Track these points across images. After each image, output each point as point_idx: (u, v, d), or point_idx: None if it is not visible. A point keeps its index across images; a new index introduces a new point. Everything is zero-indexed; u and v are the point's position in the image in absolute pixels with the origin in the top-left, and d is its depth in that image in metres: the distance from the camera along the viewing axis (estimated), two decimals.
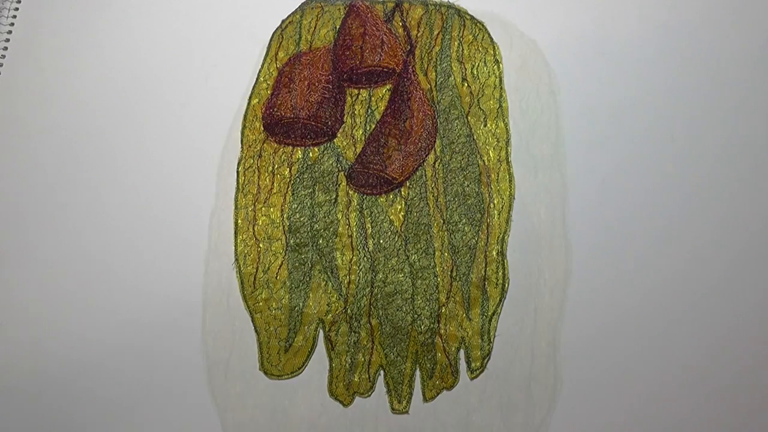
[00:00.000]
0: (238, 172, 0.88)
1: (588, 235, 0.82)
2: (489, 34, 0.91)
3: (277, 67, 0.91)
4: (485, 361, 0.79)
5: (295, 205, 0.87)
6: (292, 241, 0.86)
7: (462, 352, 0.80)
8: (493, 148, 0.88)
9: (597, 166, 0.84)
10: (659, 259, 0.81)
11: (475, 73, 0.90)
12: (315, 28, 0.92)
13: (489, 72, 0.90)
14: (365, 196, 0.87)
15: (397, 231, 0.86)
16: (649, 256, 0.81)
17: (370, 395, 0.79)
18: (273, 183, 0.87)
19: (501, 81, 0.89)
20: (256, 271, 0.85)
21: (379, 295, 0.82)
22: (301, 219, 0.86)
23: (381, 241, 0.86)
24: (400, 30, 0.91)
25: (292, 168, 0.88)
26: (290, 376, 0.80)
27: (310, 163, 0.88)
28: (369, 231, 0.86)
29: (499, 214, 0.86)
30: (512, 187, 0.86)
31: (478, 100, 0.89)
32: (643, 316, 0.80)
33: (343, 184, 0.88)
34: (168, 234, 0.85)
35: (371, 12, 0.91)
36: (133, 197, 0.85)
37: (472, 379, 0.78)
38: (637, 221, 0.83)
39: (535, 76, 0.87)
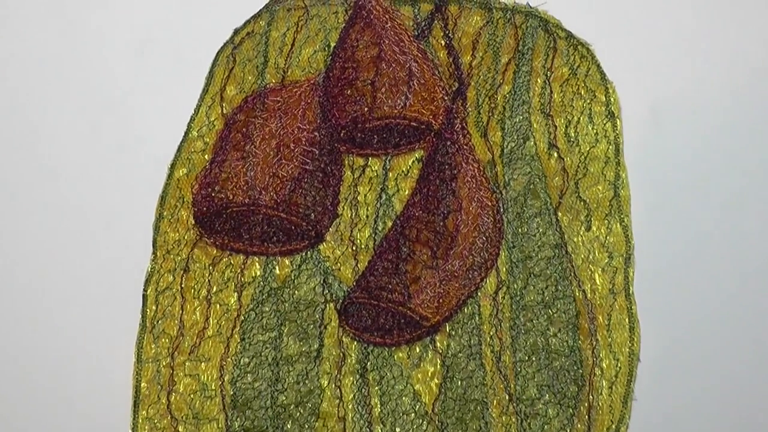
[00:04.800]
0: (145, 296, 0.86)
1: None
2: (599, 67, 0.88)
3: (222, 114, 0.88)
4: None
5: (246, 360, 0.85)
6: (238, 424, 0.85)
7: None
8: (603, 270, 0.86)
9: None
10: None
11: (573, 134, 0.88)
12: (293, 45, 0.90)
13: (597, 134, 0.88)
14: (371, 347, 0.85)
15: (425, 413, 0.85)
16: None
17: None
18: (208, 319, 0.86)
19: (618, 150, 0.87)
20: None
21: None
22: (257, 385, 0.85)
23: (397, 430, 0.84)
24: (442, 53, 0.89)
25: (243, 293, 0.86)
26: None
27: (275, 285, 0.87)
28: (377, 411, 0.85)
29: (610, 389, 0.84)
30: (635, 340, 0.85)
31: (576, 184, 0.87)
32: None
33: (333, 324, 0.86)
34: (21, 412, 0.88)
35: (392, 19, 0.89)
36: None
37: None
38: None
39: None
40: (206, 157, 0.88)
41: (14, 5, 0.94)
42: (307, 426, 0.85)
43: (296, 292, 0.86)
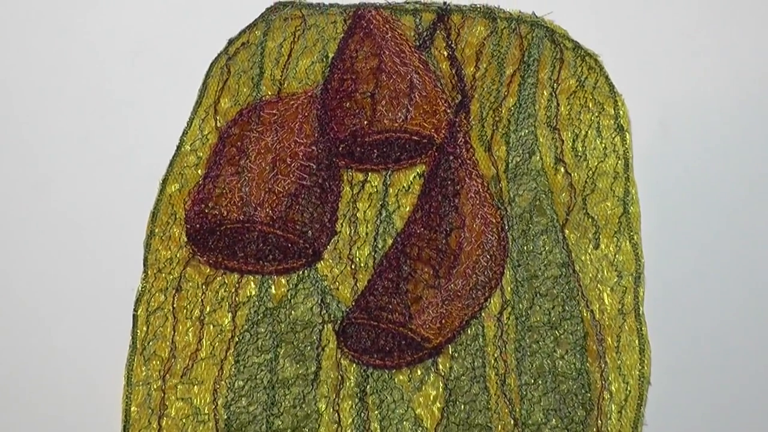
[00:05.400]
0: (135, 317, 0.86)
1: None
2: (607, 79, 0.88)
3: (216, 127, 0.89)
4: None
5: (241, 383, 0.85)
6: None
7: None
8: (612, 290, 0.86)
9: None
10: None
11: (581, 149, 0.88)
12: (289, 55, 0.90)
13: (606, 148, 0.88)
14: (371, 369, 0.86)
15: None
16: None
17: None
18: (201, 340, 0.86)
19: (627, 165, 0.87)
20: None
21: None
22: (251, 409, 0.85)
23: None
24: (445, 64, 0.89)
25: (238, 314, 0.86)
26: None
27: (271, 305, 0.87)
28: None
29: (619, 414, 0.84)
30: (645, 362, 0.85)
31: (584, 200, 0.87)
32: None
33: (331, 346, 0.86)
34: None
35: (393, 29, 0.89)
36: None
37: None
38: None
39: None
40: (199, 172, 0.88)
41: (5, 17, 0.93)
42: None
43: (293, 312, 0.86)
